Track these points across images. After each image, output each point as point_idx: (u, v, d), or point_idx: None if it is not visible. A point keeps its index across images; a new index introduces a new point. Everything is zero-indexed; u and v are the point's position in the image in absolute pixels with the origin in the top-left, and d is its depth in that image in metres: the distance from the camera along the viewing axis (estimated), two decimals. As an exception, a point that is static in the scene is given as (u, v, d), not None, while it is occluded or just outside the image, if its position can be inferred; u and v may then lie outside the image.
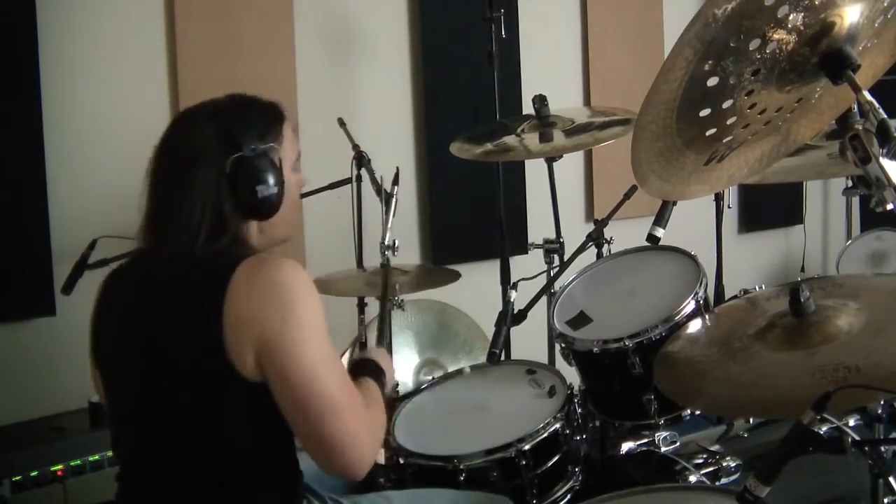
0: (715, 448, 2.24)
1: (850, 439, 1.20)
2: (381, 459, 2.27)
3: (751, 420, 2.49)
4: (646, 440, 2.13)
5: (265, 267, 1.40)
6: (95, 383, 1.61)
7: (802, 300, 1.51)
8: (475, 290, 3.13)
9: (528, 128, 2.68)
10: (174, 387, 1.43)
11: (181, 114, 1.59)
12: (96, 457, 2.35)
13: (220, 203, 1.46)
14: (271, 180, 1.49)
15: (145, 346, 1.46)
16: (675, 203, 2.04)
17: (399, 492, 1.83)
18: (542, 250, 2.79)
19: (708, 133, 1.28)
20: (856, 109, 1.23)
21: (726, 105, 1.22)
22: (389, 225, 2.51)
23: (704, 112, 1.23)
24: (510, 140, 2.65)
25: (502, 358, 2.15)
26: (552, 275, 2.60)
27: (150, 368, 1.45)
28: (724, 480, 2.09)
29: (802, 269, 4.62)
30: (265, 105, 1.58)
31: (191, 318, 1.41)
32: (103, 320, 1.56)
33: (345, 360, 3.16)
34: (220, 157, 1.47)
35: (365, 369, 1.67)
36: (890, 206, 1.18)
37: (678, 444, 2.12)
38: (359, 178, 2.77)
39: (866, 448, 1.35)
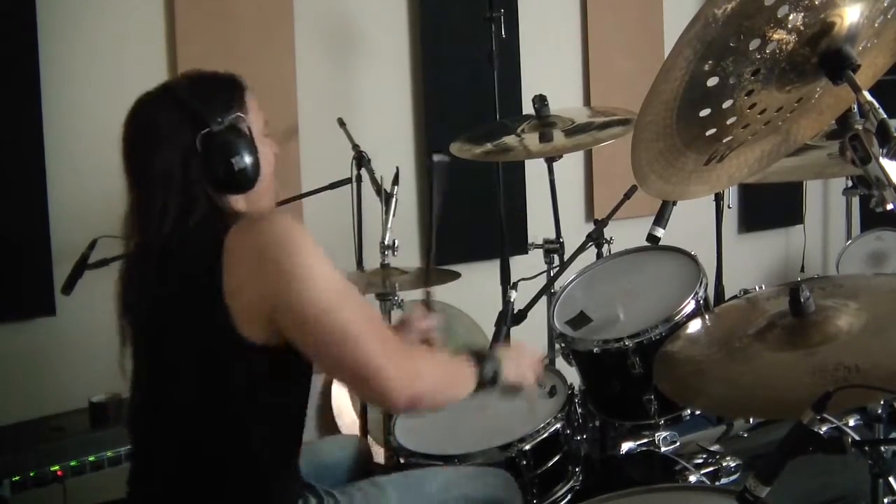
0: (715, 448, 2.24)
1: (850, 439, 1.20)
2: (381, 459, 2.28)
3: (751, 420, 2.50)
4: (646, 440, 2.13)
5: (255, 228, 1.38)
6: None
7: (802, 300, 1.51)
8: (475, 290, 3.13)
9: (528, 128, 2.68)
10: (177, 379, 1.43)
11: (136, 103, 1.55)
12: (95, 457, 2.34)
13: (192, 183, 1.43)
14: (245, 151, 1.47)
15: (149, 339, 1.47)
16: (675, 203, 2.04)
17: (390, 476, 1.78)
18: (542, 250, 2.79)
19: (708, 133, 1.28)
20: (856, 109, 1.23)
21: (726, 105, 1.23)
22: (389, 225, 2.51)
23: (704, 112, 1.23)
24: (510, 140, 2.65)
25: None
26: (552, 275, 2.60)
27: (155, 361, 1.46)
28: (724, 480, 2.09)
29: (802, 269, 4.62)
30: (223, 78, 1.56)
31: (191, 300, 1.40)
32: (121, 315, 1.56)
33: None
34: (187, 137, 1.44)
35: (469, 352, 1.60)
36: (890, 206, 1.18)
37: (678, 444, 2.12)
38: (359, 178, 2.77)
39: (866, 448, 1.35)
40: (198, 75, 1.56)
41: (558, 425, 1.98)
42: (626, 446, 2.15)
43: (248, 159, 1.48)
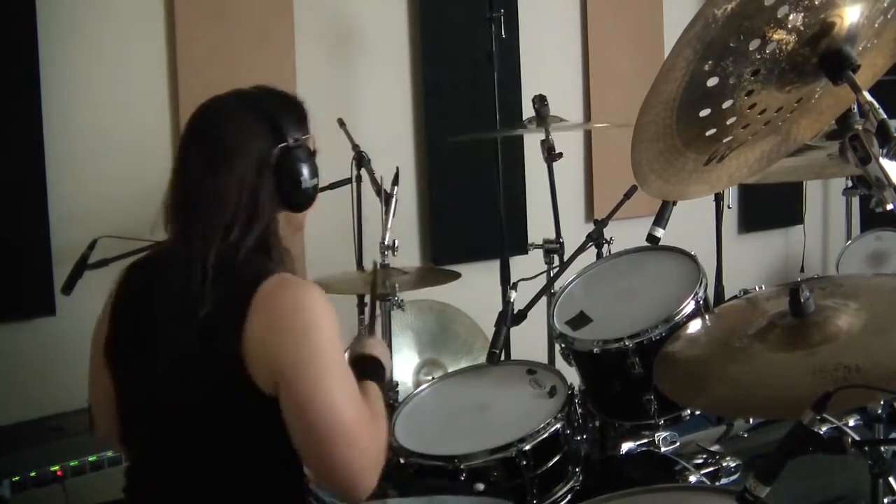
0: (715, 448, 2.24)
1: (850, 439, 1.20)
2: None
3: (751, 420, 2.49)
4: (646, 440, 2.13)
5: (286, 291, 1.39)
6: (93, 379, 1.58)
7: (802, 300, 1.51)
8: (475, 290, 3.13)
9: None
10: (185, 389, 1.42)
11: (211, 102, 1.53)
12: (96, 457, 2.35)
13: (258, 192, 1.44)
14: (313, 171, 1.51)
15: (161, 345, 1.43)
16: (675, 203, 2.04)
17: (403, 500, 1.82)
18: (542, 250, 2.79)
19: (708, 133, 1.27)
20: (856, 109, 1.23)
21: (726, 105, 1.22)
22: (389, 225, 2.51)
23: (704, 112, 1.23)
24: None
25: (502, 358, 2.15)
26: (552, 275, 2.60)
27: (164, 368, 1.43)
28: (724, 480, 2.10)
29: (802, 269, 4.62)
30: (294, 98, 1.59)
31: (212, 326, 1.38)
32: (120, 314, 1.52)
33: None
34: (265, 145, 1.46)
35: (366, 369, 1.64)
36: (890, 206, 1.18)
37: (678, 444, 2.12)
38: (359, 178, 2.77)
39: (866, 448, 1.35)
40: (273, 90, 1.57)
41: (558, 425, 1.98)
42: (626, 446, 2.15)
43: (313, 181, 1.52)
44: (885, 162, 1.17)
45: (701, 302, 2.08)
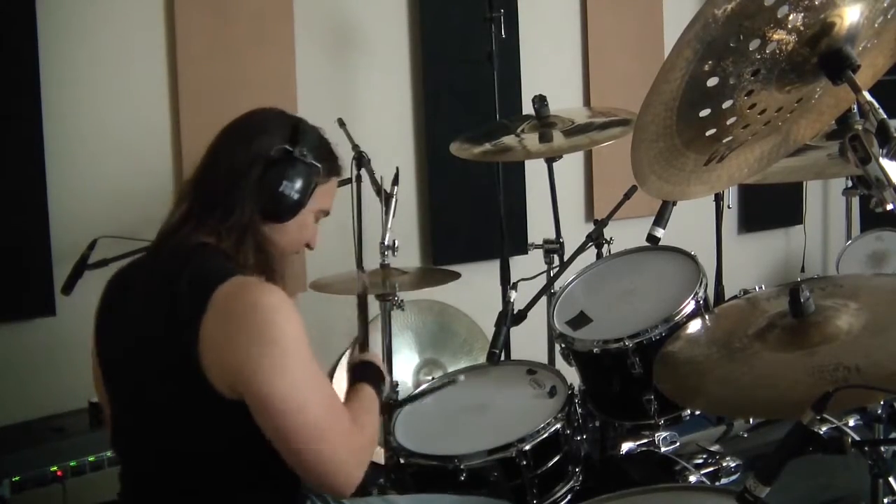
0: (715, 448, 2.24)
1: (850, 439, 1.20)
2: (381, 460, 2.28)
3: (751, 420, 2.50)
4: (646, 440, 2.13)
5: (243, 293, 1.37)
6: (96, 382, 1.60)
7: (802, 300, 1.51)
8: (475, 290, 3.13)
9: (528, 128, 2.68)
10: (153, 392, 1.42)
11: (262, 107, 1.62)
12: (95, 457, 2.35)
13: (242, 179, 1.48)
14: (298, 187, 1.51)
15: (137, 348, 1.45)
16: (675, 203, 2.04)
17: (402, 496, 1.82)
18: (542, 250, 2.79)
19: (708, 133, 1.27)
20: (856, 110, 1.23)
21: (726, 105, 1.22)
22: (389, 225, 2.50)
23: (704, 112, 1.23)
24: (509, 140, 2.65)
25: (502, 358, 2.15)
26: (552, 275, 2.60)
27: (142, 374, 1.44)
28: (724, 480, 2.10)
29: (802, 269, 4.62)
30: (334, 152, 1.63)
31: (171, 330, 1.39)
32: (105, 319, 1.55)
33: (344, 360, 3.17)
34: (272, 142, 1.50)
35: (364, 374, 1.65)
36: (890, 207, 1.18)
37: (678, 444, 2.12)
38: (359, 178, 2.76)
39: (866, 448, 1.35)
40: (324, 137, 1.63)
41: (558, 425, 1.98)
42: (626, 446, 2.15)
43: (294, 196, 1.51)
44: (885, 162, 1.17)
45: (701, 302, 2.08)
